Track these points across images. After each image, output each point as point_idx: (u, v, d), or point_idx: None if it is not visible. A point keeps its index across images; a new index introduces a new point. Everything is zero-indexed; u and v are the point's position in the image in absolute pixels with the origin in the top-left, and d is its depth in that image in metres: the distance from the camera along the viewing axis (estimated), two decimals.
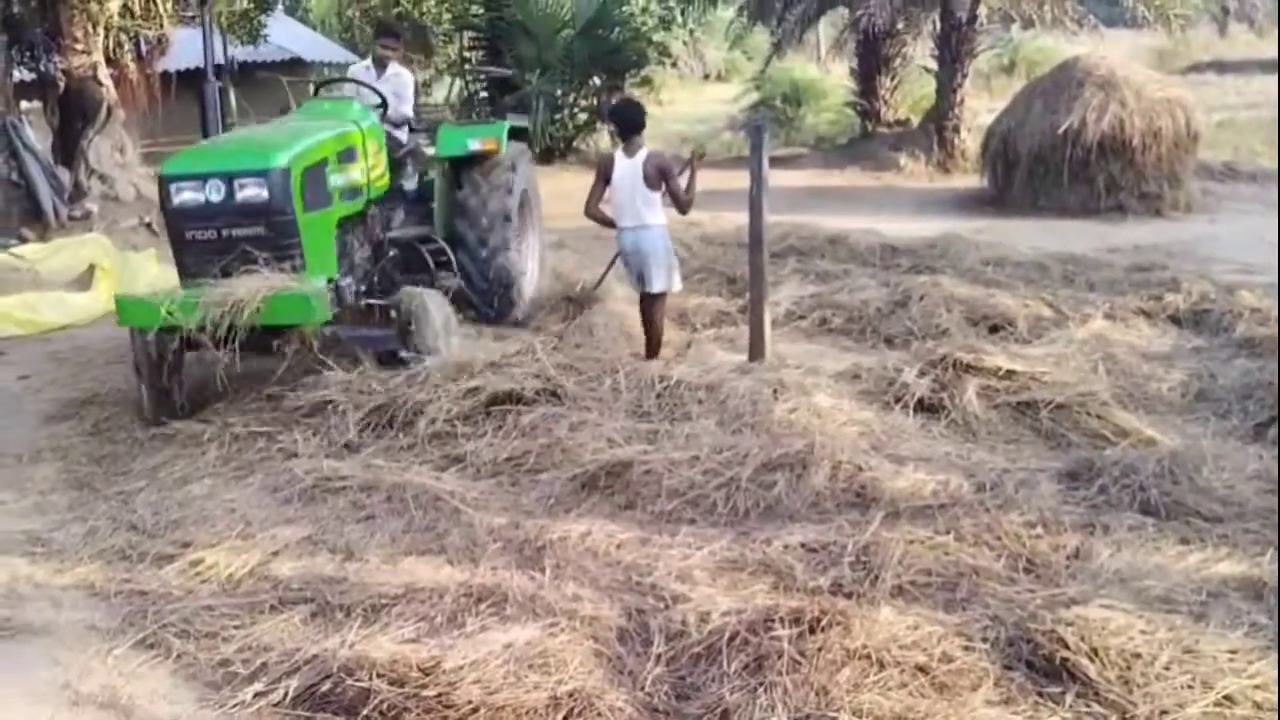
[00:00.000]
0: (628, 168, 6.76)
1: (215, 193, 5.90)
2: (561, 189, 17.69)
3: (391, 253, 7.47)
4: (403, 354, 6.17)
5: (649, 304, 6.94)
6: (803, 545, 4.17)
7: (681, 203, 6.82)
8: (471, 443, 5.31)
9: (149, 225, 10.73)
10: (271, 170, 5.93)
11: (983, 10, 17.13)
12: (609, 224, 6.97)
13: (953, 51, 17.75)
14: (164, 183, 5.99)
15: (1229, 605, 3.67)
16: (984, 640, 3.40)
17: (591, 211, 6.95)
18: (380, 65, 8.06)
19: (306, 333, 5.87)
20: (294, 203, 6.00)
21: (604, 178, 6.87)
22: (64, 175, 12.48)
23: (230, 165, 5.97)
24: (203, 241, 5.96)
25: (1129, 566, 3.97)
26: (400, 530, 4.52)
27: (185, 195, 5.92)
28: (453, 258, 7.65)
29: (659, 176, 6.71)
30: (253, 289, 5.55)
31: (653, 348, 6.96)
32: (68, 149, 12.88)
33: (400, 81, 8.01)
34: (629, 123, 6.90)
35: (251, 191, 5.91)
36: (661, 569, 4.07)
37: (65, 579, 4.27)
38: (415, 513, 4.64)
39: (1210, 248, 10.72)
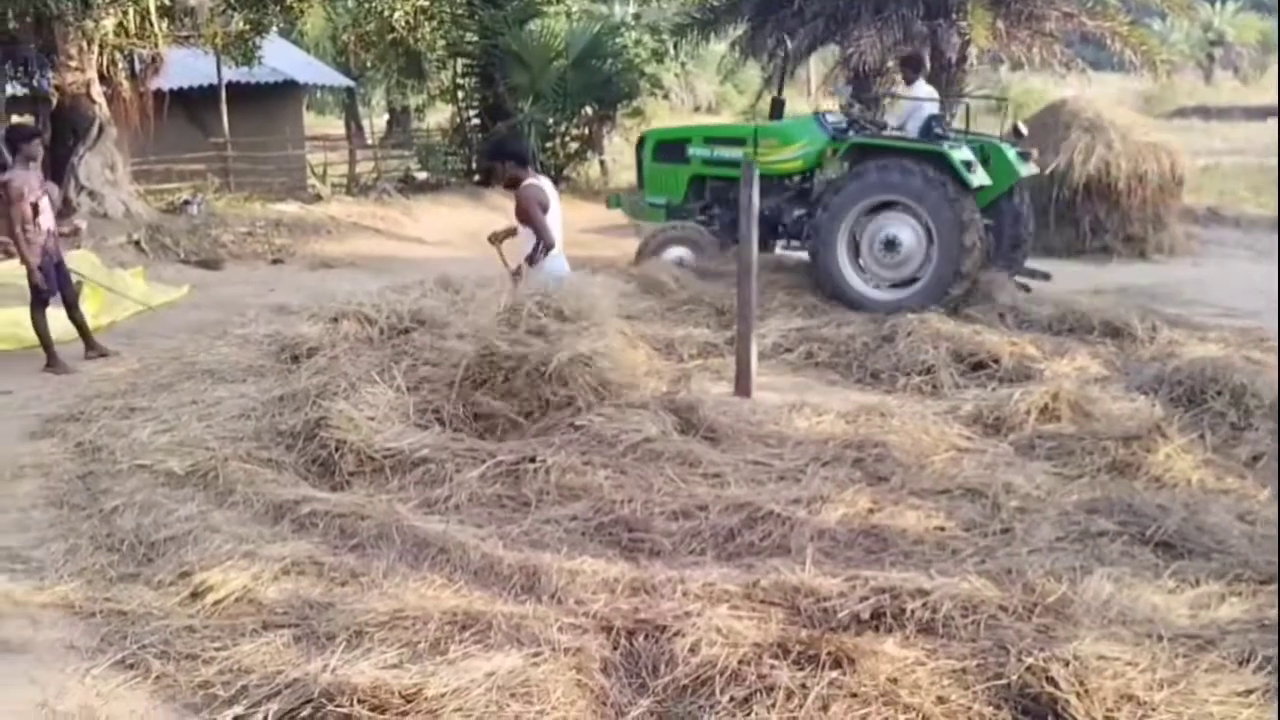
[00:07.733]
0: None
1: None
2: None
3: None
4: None
5: None
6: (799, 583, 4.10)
7: None
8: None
9: (137, 242, 10.68)
10: None
11: (972, 51, 17.32)
12: None
13: (942, 90, 17.93)
14: None
15: (1231, 643, 3.62)
16: (980, 679, 3.38)
17: None
18: None
19: None
20: None
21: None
22: (53, 191, 12.46)
23: None
24: None
25: (1130, 601, 3.95)
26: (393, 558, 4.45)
27: None
28: None
29: None
30: None
31: None
32: (58, 165, 12.87)
33: None
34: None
35: None
36: (656, 599, 4.03)
37: (44, 597, 4.23)
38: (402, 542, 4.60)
39: (1193, 291, 10.81)
